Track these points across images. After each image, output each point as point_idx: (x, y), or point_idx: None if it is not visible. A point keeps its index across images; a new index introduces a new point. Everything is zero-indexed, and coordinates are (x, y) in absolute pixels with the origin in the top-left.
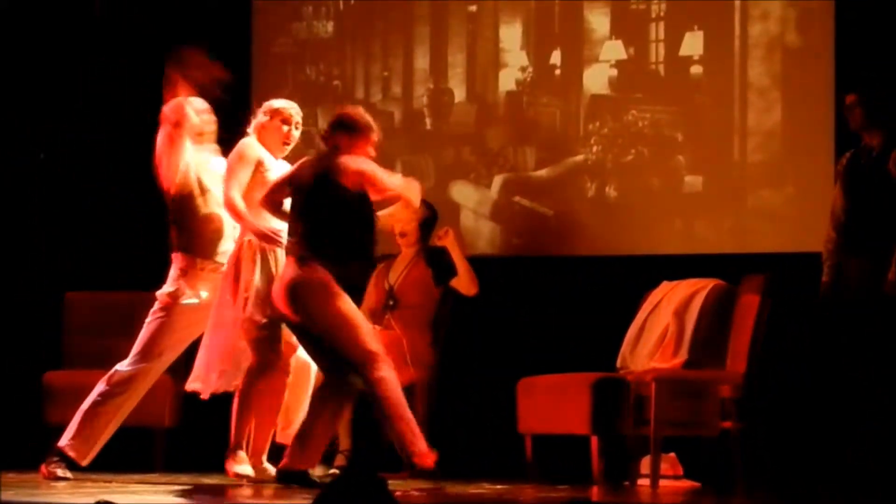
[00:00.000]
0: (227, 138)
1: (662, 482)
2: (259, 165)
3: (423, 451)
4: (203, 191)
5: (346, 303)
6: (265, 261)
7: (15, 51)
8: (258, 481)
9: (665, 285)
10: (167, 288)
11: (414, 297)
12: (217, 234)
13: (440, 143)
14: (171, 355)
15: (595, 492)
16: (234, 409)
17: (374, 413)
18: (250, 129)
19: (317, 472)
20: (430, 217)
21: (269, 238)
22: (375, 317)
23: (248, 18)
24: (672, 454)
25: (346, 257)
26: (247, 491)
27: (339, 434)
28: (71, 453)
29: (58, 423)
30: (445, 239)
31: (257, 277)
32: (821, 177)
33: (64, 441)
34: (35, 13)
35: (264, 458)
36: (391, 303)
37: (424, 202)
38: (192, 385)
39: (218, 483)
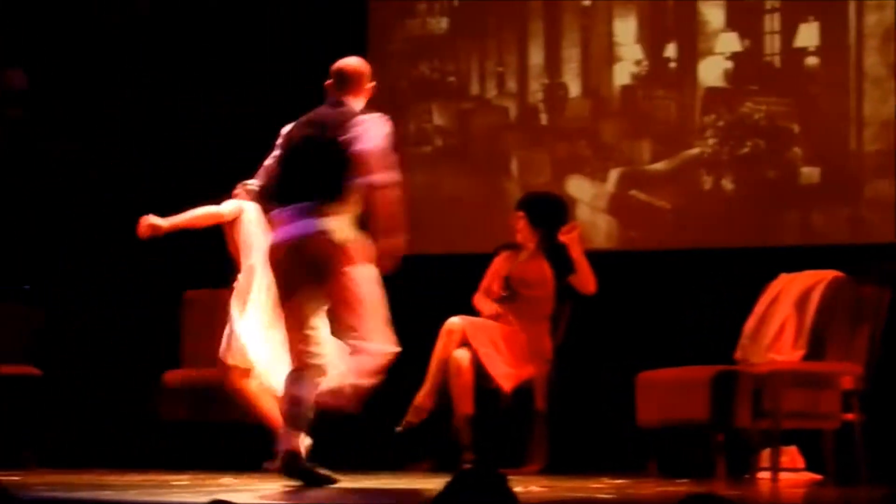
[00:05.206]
0: None
1: (783, 475)
2: None
3: None
4: None
5: None
6: None
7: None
8: None
9: (783, 277)
10: None
11: (529, 289)
12: None
13: (555, 138)
14: None
15: (716, 485)
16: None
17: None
18: None
19: None
20: (554, 211)
21: None
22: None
23: (364, 16)
24: (793, 447)
25: None
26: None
27: (461, 431)
28: None
29: (176, 422)
30: (569, 235)
31: None
32: None
33: None
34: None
35: None
36: (506, 293)
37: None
38: None
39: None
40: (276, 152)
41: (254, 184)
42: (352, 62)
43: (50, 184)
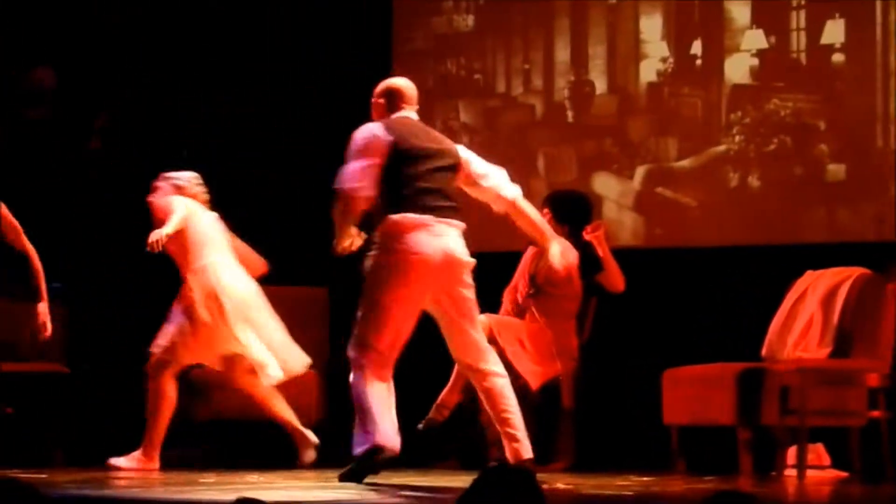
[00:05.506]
0: None
1: (809, 472)
2: None
3: None
4: None
5: None
6: None
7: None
8: None
9: (809, 274)
10: None
11: (555, 288)
12: None
13: (582, 135)
14: None
15: (742, 483)
16: None
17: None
18: None
19: None
20: (579, 209)
21: None
22: (517, 303)
23: (389, 14)
24: (819, 444)
25: None
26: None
27: (487, 428)
28: None
29: (205, 420)
30: (594, 234)
31: None
32: None
33: None
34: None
35: None
36: (531, 291)
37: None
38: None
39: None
40: (374, 158)
41: (180, 178)
42: (407, 82)
43: (69, 183)
